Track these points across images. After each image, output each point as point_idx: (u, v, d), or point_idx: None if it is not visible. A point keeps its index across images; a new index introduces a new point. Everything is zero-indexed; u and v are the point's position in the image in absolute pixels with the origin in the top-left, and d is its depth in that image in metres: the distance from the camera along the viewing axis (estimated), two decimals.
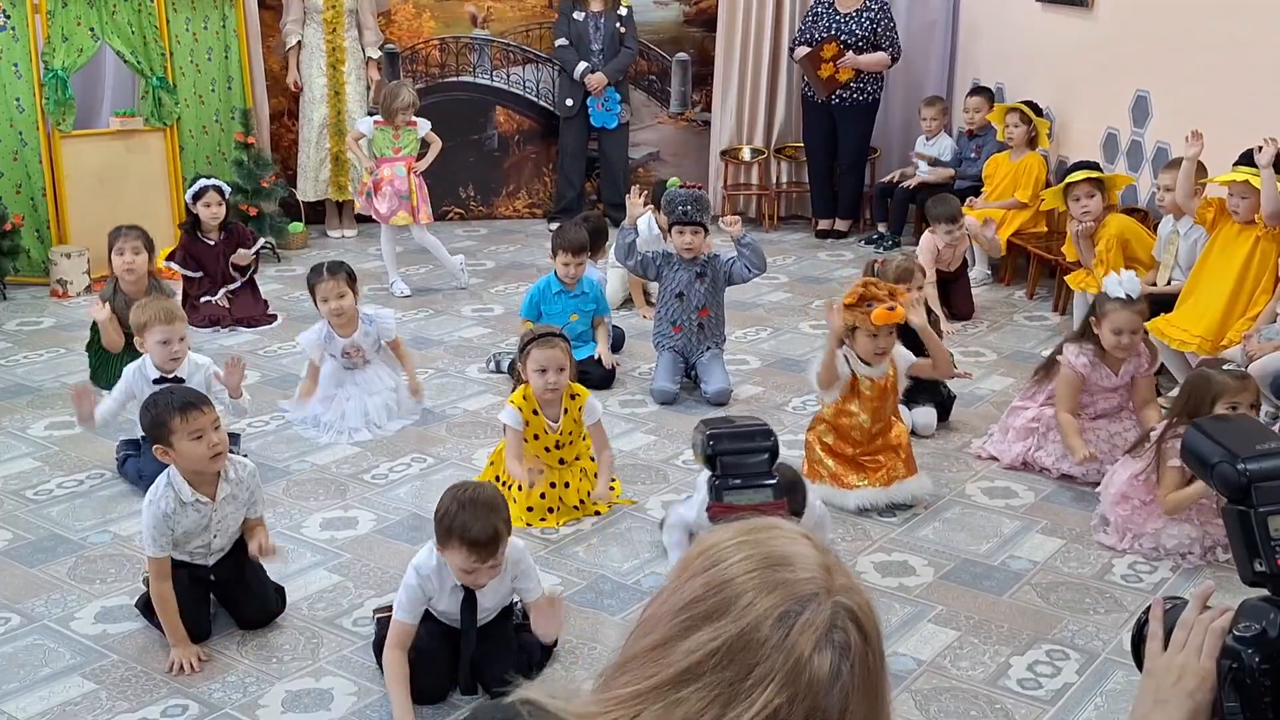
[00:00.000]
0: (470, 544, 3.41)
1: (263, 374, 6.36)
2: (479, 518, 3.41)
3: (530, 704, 1.44)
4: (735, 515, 1.65)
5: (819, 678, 1.36)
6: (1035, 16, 8.54)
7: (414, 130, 7.97)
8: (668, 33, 10.04)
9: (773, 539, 1.47)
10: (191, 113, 8.59)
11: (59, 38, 7.76)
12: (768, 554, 1.45)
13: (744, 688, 1.36)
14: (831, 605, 1.40)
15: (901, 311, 4.71)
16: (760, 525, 1.51)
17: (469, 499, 3.46)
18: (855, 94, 9.19)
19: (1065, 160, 8.17)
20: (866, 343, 4.78)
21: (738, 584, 1.42)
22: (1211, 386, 4.32)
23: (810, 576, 1.42)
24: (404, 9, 9.66)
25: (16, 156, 7.84)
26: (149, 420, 3.84)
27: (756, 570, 1.43)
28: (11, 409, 5.87)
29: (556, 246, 6.30)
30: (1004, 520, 4.79)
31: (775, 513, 2.90)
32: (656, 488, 5.04)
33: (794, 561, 1.44)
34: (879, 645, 1.44)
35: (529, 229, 9.71)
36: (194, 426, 3.74)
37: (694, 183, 6.40)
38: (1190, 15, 6.71)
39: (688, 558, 1.50)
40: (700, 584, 1.44)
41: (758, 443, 3.46)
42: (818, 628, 1.38)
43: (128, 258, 6.01)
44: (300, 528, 4.67)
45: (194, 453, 3.76)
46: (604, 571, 4.36)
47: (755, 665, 1.37)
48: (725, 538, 1.49)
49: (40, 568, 4.36)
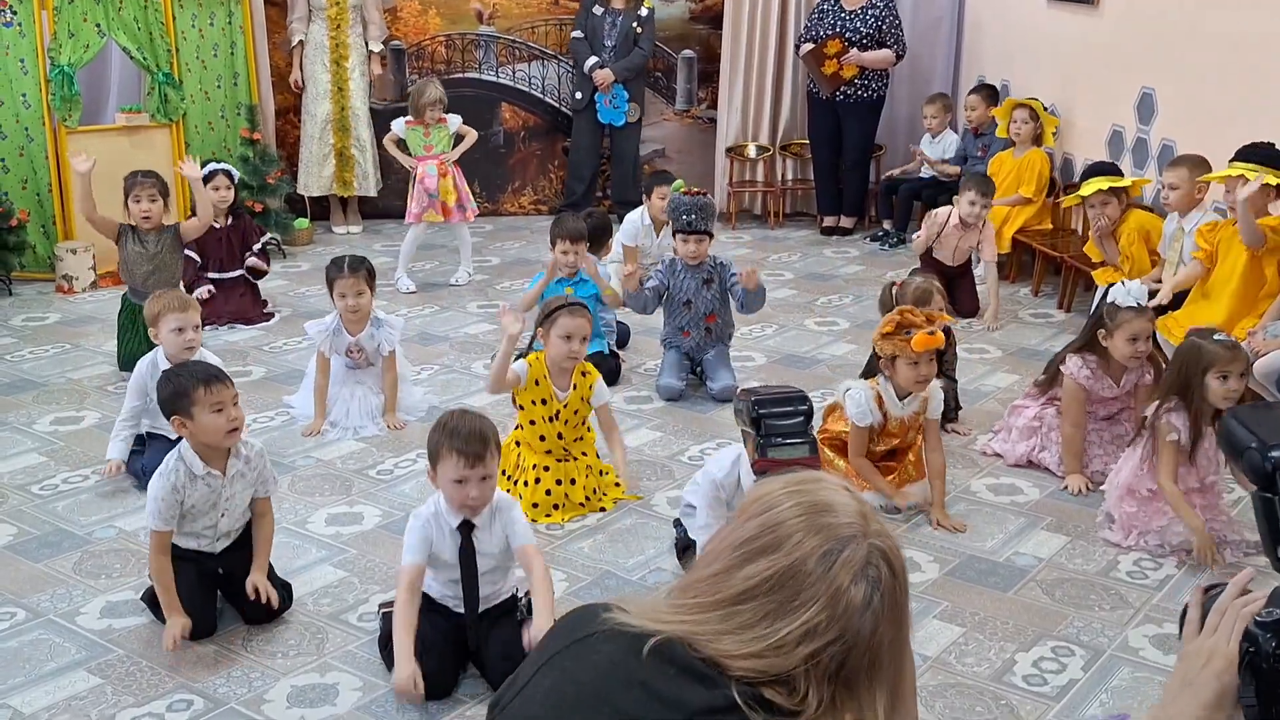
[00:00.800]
0: (460, 451, 3.54)
1: (268, 369, 6.36)
2: (466, 422, 3.60)
3: (609, 608, 1.78)
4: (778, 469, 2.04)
5: (854, 604, 1.67)
6: (1041, 13, 8.53)
7: (444, 127, 7.99)
8: (674, 30, 10.03)
9: (819, 489, 1.77)
10: (197, 109, 8.60)
11: (65, 34, 7.76)
12: (814, 502, 1.74)
13: (791, 607, 1.68)
14: (867, 546, 1.71)
15: (941, 337, 4.64)
16: (807, 478, 1.82)
17: (455, 414, 3.66)
18: (860, 91, 9.19)
19: (1071, 157, 8.18)
20: (908, 371, 4.65)
21: (788, 525, 1.72)
22: (1203, 356, 4.32)
23: (850, 522, 1.72)
24: (409, 5, 9.66)
25: (23, 152, 7.85)
26: (170, 390, 3.83)
27: (804, 515, 1.73)
28: (17, 404, 5.88)
29: (555, 236, 6.30)
30: (1009, 517, 4.78)
31: (812, 466, 3.58)
32: (662, 484, 5.04)
33: (836, 509, 1.74)
34: (905, 581, 1.75)
35: (534, 225, 9.70)
36: (216, 399, 3.77)
37: (698, 188, 6.39)
38: (1196, 12, 6.70)
39: (745, 504, 1.80)
40: (756, 525, 1.74)
41: (795, 406, 3.88)
42: (855, 564, 1.69)
43: (144, 205, 6.27)
44: (305, 523, 4.68)
45: (213, 425, 3.78)
46: (609, 568, 4.36)
47: (801, 590, 1.68)
48: (776, 488, 1.79)
49: (46, 562, 4.37)
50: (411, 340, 6.60)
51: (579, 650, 1.77)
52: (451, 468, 3.55)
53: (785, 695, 1.66)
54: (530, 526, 3.86)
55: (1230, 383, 4.30)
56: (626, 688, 1.69)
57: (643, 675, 1.69)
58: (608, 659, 1.73)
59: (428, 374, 6.27)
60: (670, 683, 1.68)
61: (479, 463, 3.56)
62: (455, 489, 3.59)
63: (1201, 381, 4.31)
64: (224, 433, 3.81)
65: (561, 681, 1.76)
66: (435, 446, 3.61)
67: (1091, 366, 4.97)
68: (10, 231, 7.63)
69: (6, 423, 5.66)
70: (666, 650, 1.69)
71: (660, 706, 1.67)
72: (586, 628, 1.78)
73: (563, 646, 1.80)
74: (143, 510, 4.11)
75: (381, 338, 5.64)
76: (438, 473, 3.62)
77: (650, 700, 1.67)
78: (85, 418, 5.73)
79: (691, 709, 1.66)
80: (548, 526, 4.65)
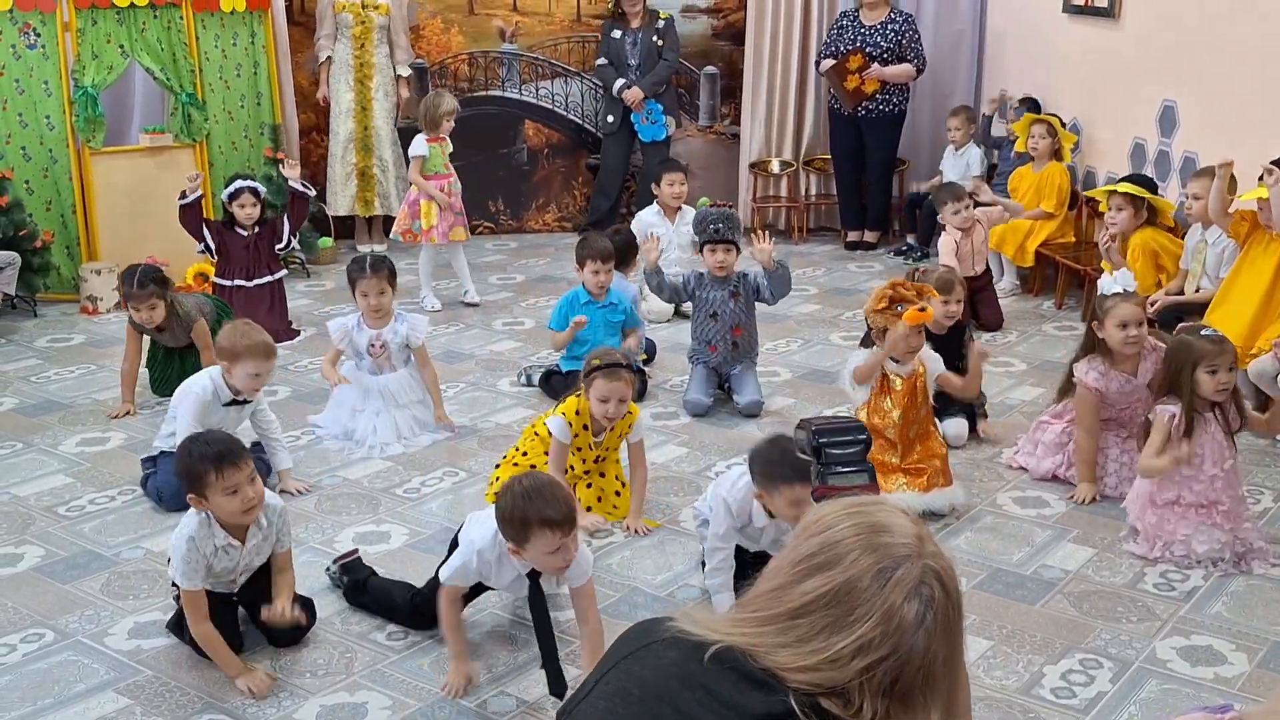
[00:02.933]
0: (552, 524, 3.43)
1: (293, 389, 6.38)
2: (550, 499, 3.46)
3: (672, 618, 1.86)
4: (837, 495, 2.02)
5: (907, 621, 1.74)
6: (1062, 27, 8.51)
7: (447, 144, 7.96)
8: (696, 46, 10.05)
9: (877, 511, 1.84)
10: (221, 129, 8.64)
11: (89, 55, 7.82)
12: (871, 522, 1.81)
13: (846, 622, 1.74)
14: (921, 566, 1.77)
15: (931, 312, 4.90)
16: (866, 500, 1.89)
17: (531, 488, 3.49)
18: (882, 105, 9.19)
19: (1093, 170, 8.16)
20: (899, 343, 4.89)
21: (845, 544, 1.79)
22: (1192, 352, 4.39)
23: (905, 542, 1.79)
24: (432, 24, 9.70)
25: (47, 174, 7.90)
26: (184, 468, 3.78)
27: (861, 534, 1.79)
28: (43, 425, 5.91)
29: (583, 256, 6.29)
30: (1036, 530, 4.76)
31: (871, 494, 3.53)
32: (690, 499, 5.03)
33: (892, 529, 1.81)
34: (958, 600, 1.81)
35: (559, 243, 9.72)
36: (229, 483, 3.70)
37: (723, 200, 6.44)
38: (1217, 25, 6.68)
39: (806, 523, 1.87)
40: (815, 543, 1.81)
41: (854, 436, 3.92)
42: (908, 582, 1.75)
43: (145, 314, 5.91)
44: (333, 542, 4.68)
45: (228, 507, 3.74)
46: (638, 584, 4.35)
47: (856, 607, 1.74)
48: (836, 509, 1.86)
49: (73, 584, 4.38)
50: (438, 359, 6.60)
51: (643, 655, 1.87)
52: (546, 542, 3.46)
53: (841, 706, 1.73)
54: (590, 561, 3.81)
55: (1220, 376, 4.37)
56: (689, 689, 1.78)
57: (704, 679, 1.78)
58: (671, 662, 1.82)
59: (454, 391, 6.27)
60: (731, 687, 1.76)
61: (571, 528, 3.50)
62: (547, 557, 3.51)
63: (1192, 376, 4.39)
64: (239, 514, 3.76)
65: (626, 683, 1.86)
66: (522, 523, 3.46)
67: (1099, 368, 4.94)
68: (35, 253, 7.66)
69: (33, 444, 5.68)
70: (727, 657, 1.77)
71: (721, 708, 1.75)
72: (650, 636, 1.88)
73: (628, 653, 1.90)
74: (169, 530, 4.12)
75: (408, 330, 5.68)
76: (527, 548, 3.50)
77: (711, 701, 1.76)
78: (111, 439, 5.75)
79: (751, 713, 1.73)
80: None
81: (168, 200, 7.33)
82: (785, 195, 10.17)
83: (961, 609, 1.82)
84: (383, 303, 5.62)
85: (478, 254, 8.79)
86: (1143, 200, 6.56)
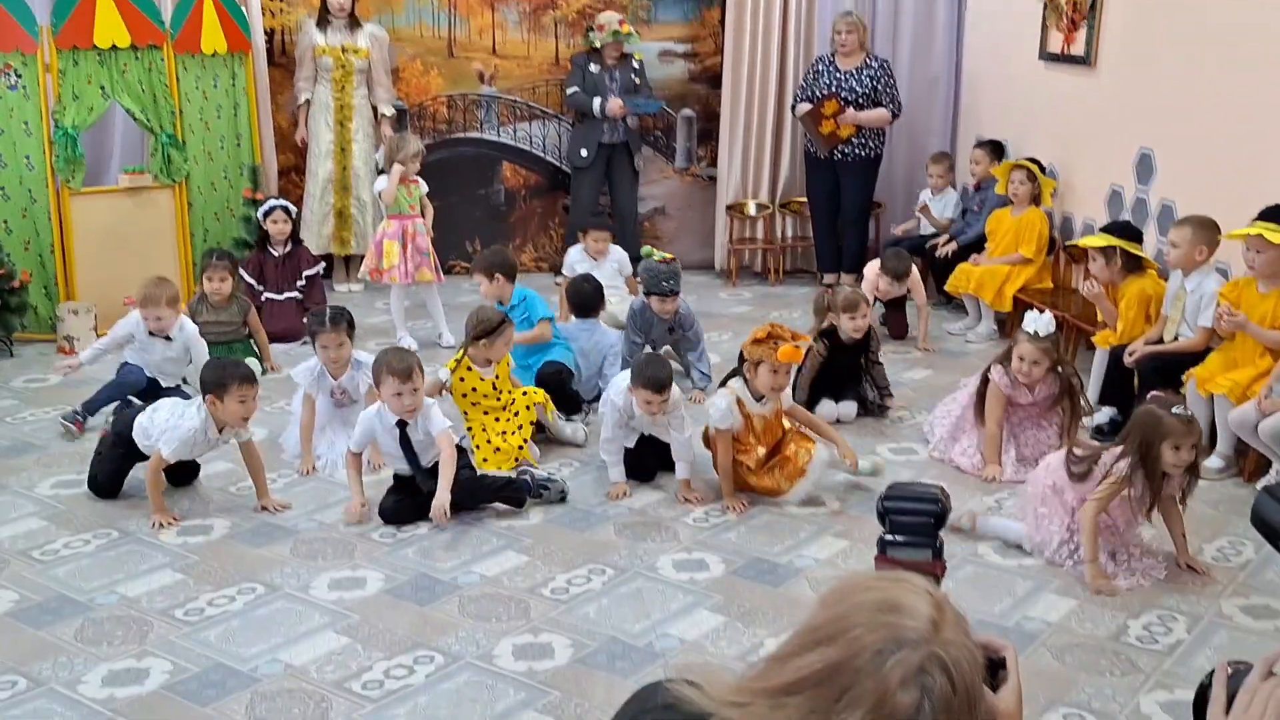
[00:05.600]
0: (395, 372, 5.12)
1: (269, 429, 6.34)
2: (398, 358, 5.20)
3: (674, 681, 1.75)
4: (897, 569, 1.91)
5: (900, 710, 1.57)
6: (1038, 73, 8.58)
7: (418, 187, 8.05)
8: (673, 89, 10.09)
9: (896, 588, 1.70)
10: (200, 169, 8.61)
11: (70, 96, 7.80)
12: (886, 599, 1.67)
13: (836, 707, 1.59)
14: (927, 652, 1.60)
15: (801, 352, 5.37)
16: (892, 576, 1.74)
17: (390, 349, 5.46)
18: (858, 149, 9.23)
19: (1070, 216, 8.20)
20: (768, 377, 5.37)
21: (852, 619, 1.65)
22: (1160, 428, 4.60)
23: (915, 625, 1.62)
24: (411, 66, 9.73)
25: (25, 213, 7.86)
26: (215, 377, 5.21)
27: (871, 610, 1.65)
28: (18, 467, 5.86)
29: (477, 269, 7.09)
30: (1017, 580, 4.76)
31: (933, 573, 3.33)
32: (668, 546, 5.03)
33: (905, 609, 1.65)
34: (966, 696, 1.61)
35: (535, 283, 9.66)
36: (243, 393, 5.19)
37: (667, 254, 7.17)
38: (1194, 73, 6.74)
39: (828, 592, 1.75)
40: (827, 615, 1.69)
41: (924, 504, 3.67)
42: (909, 667, 1.58)
43: (215, 284, 7.29)
44: (308, 588, 4.64)
45: (235, 411, 5.20)
46: (615, 633, 4.33)
47: (849, 689, 1.59)
48: (856, 580, 1.74)
49: (47, 629, 4.33)
50: None
51: None
52: (392, 386, 5.13)
53: None
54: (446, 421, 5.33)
55: (1182, 453, 4.59)
56: None
57: None
58: None
59: None
60: None
61: (408, 379, 5.14)
62: (395, 399, 5.16)
63: (1159, 451, 4.59)
64: (240, 417, 5.24)
65: None
66: (378, 372, 5.23)
67: (1010, 378, 5.77)
68: (12, 293, 7.63)
69: (7, 486, 5.63)
70: None
71: None
72: (650, 700, 1.81)
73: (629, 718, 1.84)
74: (145, 575, 4.42)
75: (360, 378, 6.09)
76: (381, 390, 5.21)
77: None
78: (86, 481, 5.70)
79: None
80: (552, 591, 4.63)
81: (146, 240, 7.39)
82: (761, 237, 10.18)
83: (973, 705, 1.63)
84: (341, 354, 6.04)
85: (455, 294, 8.76)
86: (1114, 250, 6.55)
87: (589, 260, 8.23)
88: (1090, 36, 7.83)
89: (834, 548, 5.04)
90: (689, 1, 10.04)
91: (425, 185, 8.19)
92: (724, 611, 4.48)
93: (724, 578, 4.76)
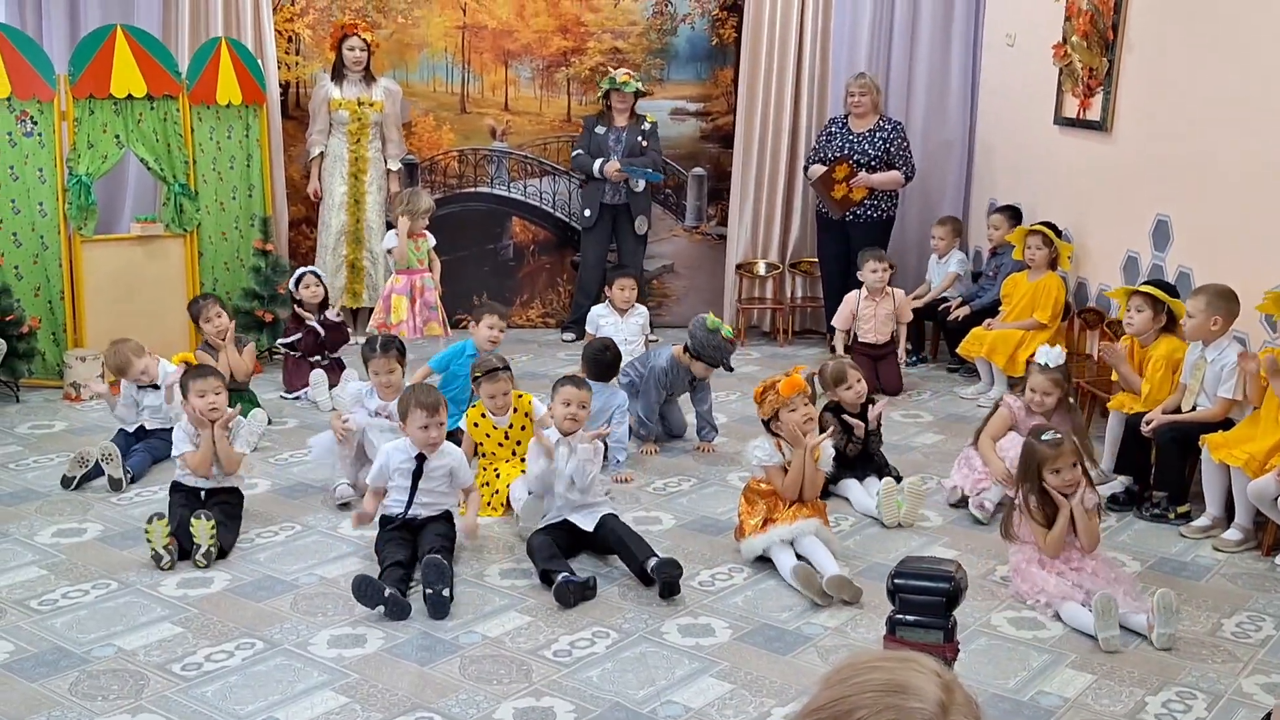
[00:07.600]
0: (422, 406, 5.27)
1: (274, 482, 6.28)
2: (425, 393, 5.37)
3: None
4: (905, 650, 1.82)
5: None
6: (1053, 138, 8.56)
7: (426, 241, 8.10)
8: (685, 148, 10.10)
9: (904, 669, 1.64)
10: (211, 219, 8.60)
11: (84, 144, 7.81)
12: (892, 680, 1.61)
13: None
14: None
15: (800, 379, 5.46)
16: (900, 655, 1.68)
17: (416, 387, 5.57)
18: (870, 211, 9.21)
19: (1085, 281, 8.16)
20: (790, 416, 5.43)
21: (856, 700, 1.59)
22: (1036, 455, 5.02)
23: (921, 707, 1.57)
24: (424, 121, 9.75)
25: (37, 260, 7.85)
26: (182, 380, 5.66)
27: (876, 693, 1.59)
28: (20, 514, 5.80)
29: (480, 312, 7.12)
30: (1032, 653, 4.64)
31: (945, 655, 3.26)
32: (675, 611, 4.94)
33: (911, 691, 1.59)
34: None
35: (543, 338, 9.70)
36: (201, 388, 5.57)
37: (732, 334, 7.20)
38: (1210, 140, 6.70)
39: (833, 671, 1.68)
40: (830, 695, 1.63)
41: (936, 583, 3.63)
42: None
43: (214, 324, 7.19)
44: (308, 645, 4.56)
45: (198, 405, 5.54)
46: (619, 699, 4.24)
47: None
48: (863, 660, 1.68)
49: (41, 682, 4.25)
50: None
51: None
52: (419, 419, 5.28)
53: None
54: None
55: (1064, 474, 4.97)
56: None
57: None
58: None
59: None
60: None
61: (437, 413, 5.29)
62: (420, 432, 5.29)
63: (1039, 477, 5.00)
64: (200, 413, 5.53)
65: None
66: (404, 406, 5.35)
67: (1021, 403, 6.14)
68: (21, 339, 7.60)
69: (8, 534, 5.57)
70: None
71: None
72: None
73: None
74: (143, 627, 4.38)
75: None
76: (407, 424, 5.35)
77: None
78: (88, 530, 5.65)
79: None
80: (555, 653, 4.55)
81: (156, 288, 7.39)
82: (770, 297, 10.16)
83: None
84: (392, 380, 6.23)
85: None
86: (1163, 304, 6.45)
87: (614, 315, 8.18)
88: (1107, 102, 7.81)
89: (843, 615, 4.95)
90: (702, 61, 10.06)
91: (433, 239, 8.21)
92: (730, 679, 4.39)
93: (730, 644, 4.67)
